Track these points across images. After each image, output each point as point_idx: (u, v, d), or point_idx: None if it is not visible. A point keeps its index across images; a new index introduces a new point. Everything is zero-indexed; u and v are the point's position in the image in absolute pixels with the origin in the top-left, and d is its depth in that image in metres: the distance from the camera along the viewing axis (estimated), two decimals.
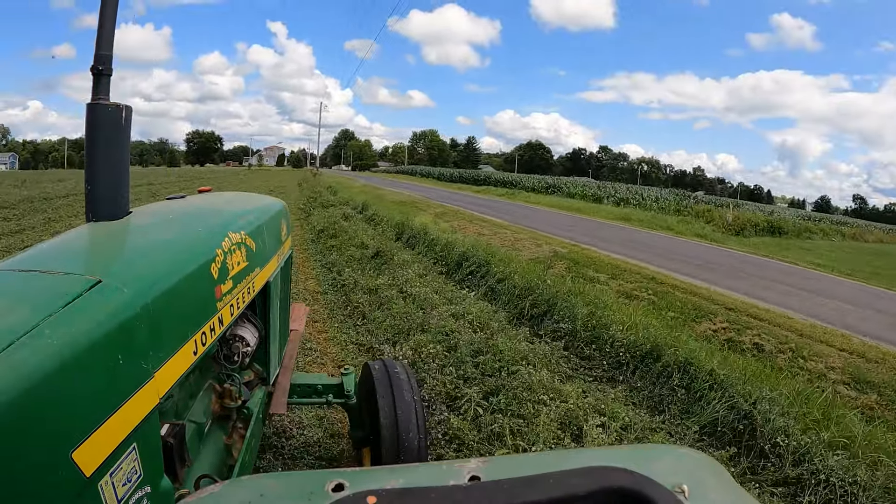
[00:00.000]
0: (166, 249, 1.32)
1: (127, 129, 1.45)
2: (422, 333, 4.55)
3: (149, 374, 1.02)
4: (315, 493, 0.55)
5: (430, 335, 4.47)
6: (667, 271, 9.36)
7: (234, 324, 1.69)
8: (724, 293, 7.92)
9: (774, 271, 11.48)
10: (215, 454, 1.63)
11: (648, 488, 0.55)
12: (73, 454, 0.81)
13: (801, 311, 7.50)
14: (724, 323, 6.17)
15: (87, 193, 1.42)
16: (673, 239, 16.23)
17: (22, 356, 0.78)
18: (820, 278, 11.38)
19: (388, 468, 0.61)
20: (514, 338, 4.54)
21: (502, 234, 12.15)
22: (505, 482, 0.56)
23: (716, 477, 0.61)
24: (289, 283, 2.57)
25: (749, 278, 9.95)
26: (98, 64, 1.39)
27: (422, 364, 3.94)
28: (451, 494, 0.54)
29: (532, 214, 19.47)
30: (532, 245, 10.68)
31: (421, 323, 4.82)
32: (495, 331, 4.73)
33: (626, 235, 15.38)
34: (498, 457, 0.66)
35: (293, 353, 2.51)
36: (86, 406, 0.85)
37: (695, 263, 10.99)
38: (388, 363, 2.51)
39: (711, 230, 20.77)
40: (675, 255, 11.91)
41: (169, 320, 1.13)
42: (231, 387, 1.76)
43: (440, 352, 4.13)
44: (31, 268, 1.05)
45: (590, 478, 0.56)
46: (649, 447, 1.44)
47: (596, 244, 11.98)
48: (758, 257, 14.05)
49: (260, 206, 2.19)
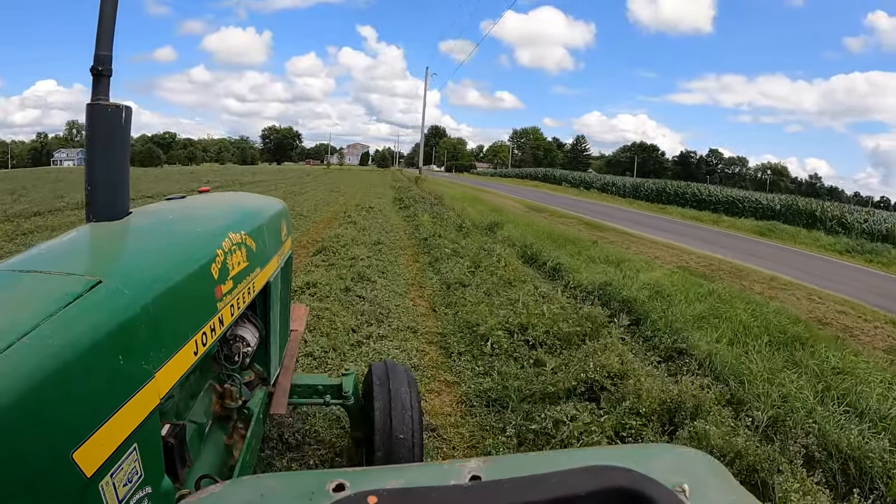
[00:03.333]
0: (166, 250, 1.31)
1: (127, 129, 1.45)
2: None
3: (149, 375, 1.02)
4: (316, 493, 0.55)
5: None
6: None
7: (234, 324, 1.69)
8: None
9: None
10: (216, 454, 1.63)
11: (649, 487, 0.55)
12: (74, 455, 0.81)
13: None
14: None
15: (86, 194, 1.42)
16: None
17: (22, 357, 0.78)
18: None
19: (388, 468, 0.61)
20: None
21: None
22: (505, 482, 0.56)
23: (716, 476, 0.61)
24: (289, 283, 2.57)
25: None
26: (98, 64, 1.39)
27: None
28: (451, 494, 0.54)
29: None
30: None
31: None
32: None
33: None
34: (498, 456, 0.66)
35: (293, 353, 2.51)
36: (86, 407, 0.85)
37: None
38: (389, 364, 2.52)
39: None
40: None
41: (169, 321, 1.13)
42: (231, 387, 1.76)
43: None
44: (31, 268, 1.05)
45: (590, 477, 0.56)
46: (650, 446, 1.44)
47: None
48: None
49: (260, 206, 2.19)
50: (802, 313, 7.15)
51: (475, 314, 5.15)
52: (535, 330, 4.70)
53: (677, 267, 9.96)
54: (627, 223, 18.76)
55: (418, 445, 2.24)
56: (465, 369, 4.20)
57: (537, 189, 43.14)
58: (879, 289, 10.71)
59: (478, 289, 6.18)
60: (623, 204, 31.32)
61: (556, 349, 4.45)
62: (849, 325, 7.27)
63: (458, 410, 3.58)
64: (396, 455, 2.16)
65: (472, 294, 5.94)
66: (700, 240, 15.95)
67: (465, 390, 3.84)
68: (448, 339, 4.79)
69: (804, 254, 16.13)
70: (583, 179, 49.26)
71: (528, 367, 4.11)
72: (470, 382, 3.95)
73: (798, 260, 14.18)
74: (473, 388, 3.85)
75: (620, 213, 23.21)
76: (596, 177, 51.53)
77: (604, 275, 7.04)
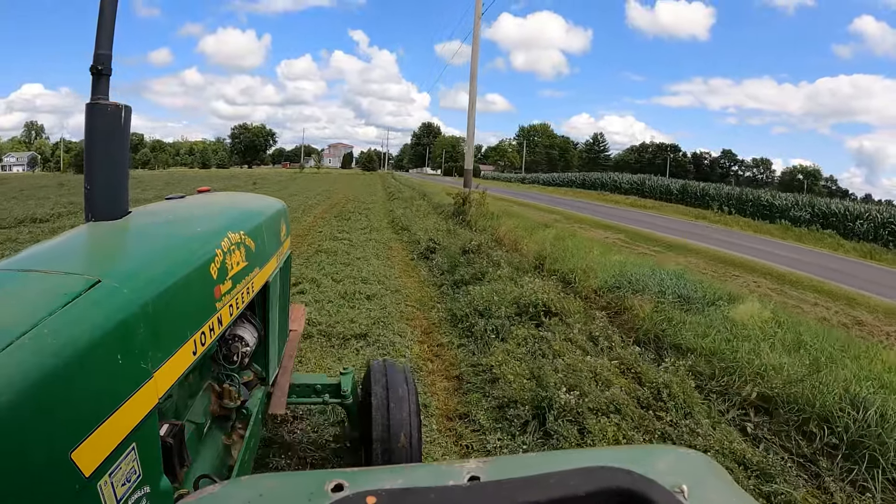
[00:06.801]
0: (165, 249, 1.31)
1: (126, 128, 1.45)
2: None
3: (148, 374, 1.02)
4: (314, 493, 0.55)
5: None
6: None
7: (233, 324, 1.69)
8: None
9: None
10: (214, 454, 1.63)
11: (648, 489, 0.55)
12: (73, 454, 0.81)
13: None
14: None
15: (86, 193, 1.42)
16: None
17: (21, 356, 0.78)
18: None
19: (387, 468, 0.61)
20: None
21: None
22: (504, 482, 0.56)
23: (716, 477, 0.61)
24: (288, 283, 2.57)
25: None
26: (97, 64, 1.39)
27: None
28: (450, 494, 0.54)
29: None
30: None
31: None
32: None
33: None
34: (497, 457, 0.66)
35: (292, 353, 2.51)
36: (85, 406, 0.85)
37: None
38: (388, 363, 2.52)
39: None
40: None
41: (168, 320, 1.13)
42: (230, 387, 1.76)
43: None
44: (30, 268, 1.05)
45: (589, 478, 0.56)
46: (649, 447, 1.44)
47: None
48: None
49: (259, 205, 2.19)
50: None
51: None
52: None
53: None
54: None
55: (416, 448, 2.24)
56: None
57: (598, 201, 34.02)
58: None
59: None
60: (746, 228, 24.84)
61: None
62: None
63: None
64: (394, 454, 2.16)
65: None
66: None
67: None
68: None
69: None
70: (665, 187, 37.72)
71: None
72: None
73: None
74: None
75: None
76: (672, 183, 39.22)
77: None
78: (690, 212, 30.47)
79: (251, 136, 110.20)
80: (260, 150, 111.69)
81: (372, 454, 2.19)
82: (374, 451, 2.18)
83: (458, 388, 3.96)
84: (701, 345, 4.51)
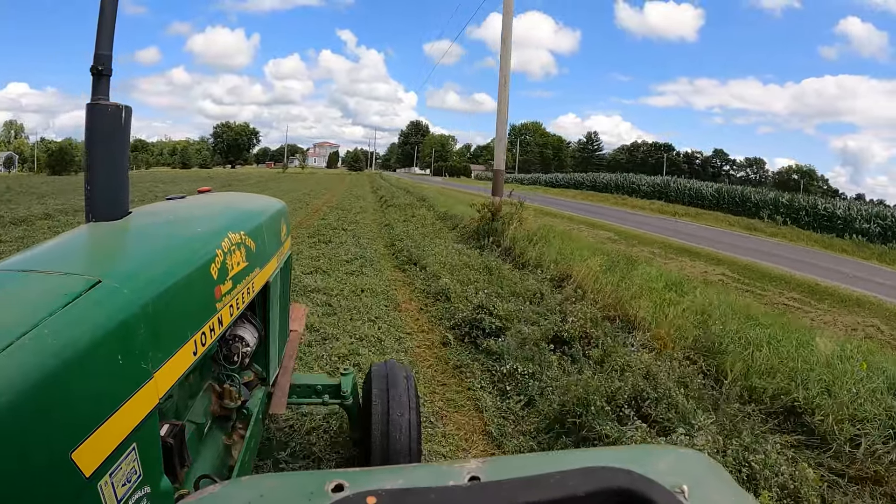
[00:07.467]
0: (166, 249, 1.31)
1: (127, 129, 1.45)
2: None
3: (148, 375, 1.02)
4: (315, 493, 0.55)
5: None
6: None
7: (233, 324, 1.69)
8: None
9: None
10: (215, 454, 1.63)
11: (648, 489, 0.54)
12: (73, 454, 0.81)
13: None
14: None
15: (86, 193, 1.42)
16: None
17: (21, 356, 0.78)
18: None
19: (387, 468, 0.61)
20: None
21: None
22: (505, 483, 0.56)
23: (716, 477, 0.61)
24: (288, 283, 2.58)
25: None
26: (98, 64, 1.39)
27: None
28: (450, 495, 0.54)
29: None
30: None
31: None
32: None
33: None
34: (498, 457, 0.66)
35: (293, 353, 2.51)
36: (85, 406, 0.85)
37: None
38: (390, 364, 2.52)
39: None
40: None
41: (168, 321, 1.13)
42: (231, 387, 1.76)
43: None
44: (30, 268, 1.05)
45: (589, 478, 0.56)
46: (649, 447, 1.44)
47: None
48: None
49: (260, 205, 2.20)
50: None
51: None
52: None
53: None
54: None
55: (415, 449, 2.24)
56: None
57: (617, 206, 30.91)
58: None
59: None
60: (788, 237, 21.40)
61: None
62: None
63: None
64: (394, 453, 2.16)
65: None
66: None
67: None
68: None
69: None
70: (695, 191, 32.84)
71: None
72: None
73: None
74: None
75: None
76: (705, 186, 34.62)
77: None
78: (737, 221, 26.60)
79: (234, 135, 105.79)
80: (243, 150, 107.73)
81: (371, 454, 2.20)
82: (373, 453, 2.19)
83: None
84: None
